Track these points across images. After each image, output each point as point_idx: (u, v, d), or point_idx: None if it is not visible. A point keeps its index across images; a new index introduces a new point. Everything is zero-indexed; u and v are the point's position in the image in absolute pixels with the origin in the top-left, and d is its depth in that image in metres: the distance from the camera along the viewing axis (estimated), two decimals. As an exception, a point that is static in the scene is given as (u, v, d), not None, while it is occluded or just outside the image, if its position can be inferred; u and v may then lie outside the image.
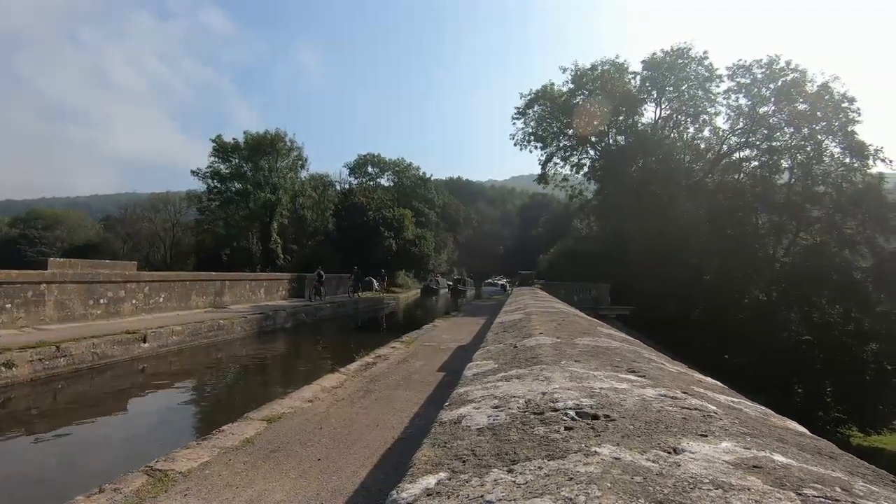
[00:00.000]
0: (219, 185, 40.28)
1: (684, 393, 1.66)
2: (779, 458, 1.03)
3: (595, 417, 1.31)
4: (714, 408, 1.47)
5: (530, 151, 33.75)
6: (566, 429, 1.23)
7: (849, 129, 25.27)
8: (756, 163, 28.81)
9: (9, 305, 11.34)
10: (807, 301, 23.50)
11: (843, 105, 25.43)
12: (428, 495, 0.94)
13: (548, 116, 32.80)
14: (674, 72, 29.00)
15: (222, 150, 39.45)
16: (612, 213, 31.27)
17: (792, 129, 27.16)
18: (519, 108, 33.25)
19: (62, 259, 18.51)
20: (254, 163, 39.76)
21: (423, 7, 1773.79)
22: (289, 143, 41.48)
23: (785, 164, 27.88)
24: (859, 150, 25.04)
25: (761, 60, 27.39)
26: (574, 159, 33.00)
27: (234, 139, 39.94)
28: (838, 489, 0.88)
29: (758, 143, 28.25)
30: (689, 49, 29.02)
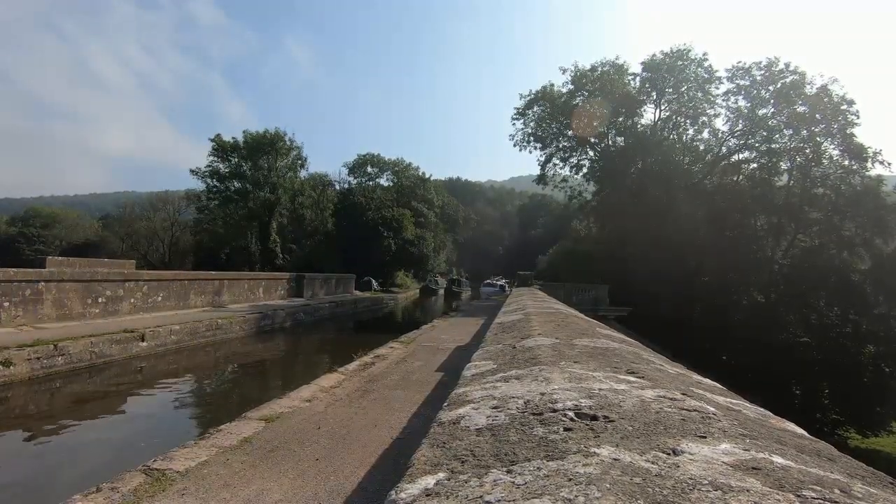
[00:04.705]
0: (218, 185, 40.28)
1: (683, 394, 1.66)
2: (778, 459, 1.03)
3: (594, 418, 1.31)
4: (713, 409, 1.47)
5: (530, 152, 33.73)
6: (565, 429, 1.23)
7: (848, 132, 25.31)
8: (755, 165, 28.83)
9: (7, 304, 11.33)
10: (805, 303, 23.53)
11: (843, 107, 25.45)
12: (427, 496, 0.94)
13: (547, 117, 32.77)
14: (673, 73, 29.02)
15: (221, 149, 39.45)
16: (611, 214, 31.28)
17: (791, 132, 27.19)
18: (518, 109, 33.24)
19: (60, 258, 18.50)
20: (253, 162, 39.77)
21: (422, 6, 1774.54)
22: (288, 143, 41.51)
23: (784, 166, 27.91)
24: (858, 153, 25.08)
25: (760, 62, 27.43)
26: (573, 160, 32.98)
27: (233, 138, 39.98)
28: (837, 491, 0.88)
29: (757, 145, 28.28)
30: (689, 51, 29.07)
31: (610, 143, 32.15)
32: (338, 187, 52.97)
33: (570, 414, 1.35)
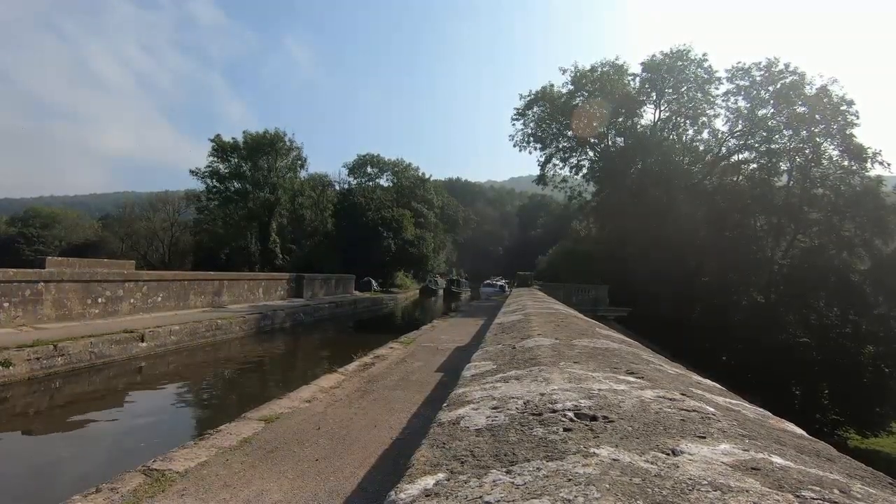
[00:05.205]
0: (218, 185, 40.31)
1: (683, 395, 1.66)
2: (777, 459, 1.03)
3: (594, 419, 1.31)
4: (712, 409, 1.47)
5: (529, 153, 33.71)
6: (565, 430, 1.23)
7: (847, 132, 25.32)
8: (755, 165, 28.84)
9: (6, 304, 11.32)
10: (804, 303, 23.54)
11: (842, 108, 25.46)
12: (426, 496, 0.94)
13: (547, 118, 32.76)
14: (673, 74, 29.02)
15: (221, 149, 39.48)
16: (610, 214, 31.28)
17: (791, 132, 27.19)
18: (518, 109, 33.24)
19: (60, 258, 18.48)
20: (253, 162, 39.81)
21: (422, 6, 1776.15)
22: (288, 143, 41.54)
23: (783, 166, 27.92)
24: (857, 153, 25.09)
25: (760, 63, 27.45)
26: (573, 160, 32.98)
27: (233, 139, 40.01)
28: (836, 491, 0.88)
29: (756, 145, 28.28)
30: (689, 51, 29.07)
31: (610, 143, 32.14)
32: (338, 187, 52.99)
33: (570, 414, 1.35)
